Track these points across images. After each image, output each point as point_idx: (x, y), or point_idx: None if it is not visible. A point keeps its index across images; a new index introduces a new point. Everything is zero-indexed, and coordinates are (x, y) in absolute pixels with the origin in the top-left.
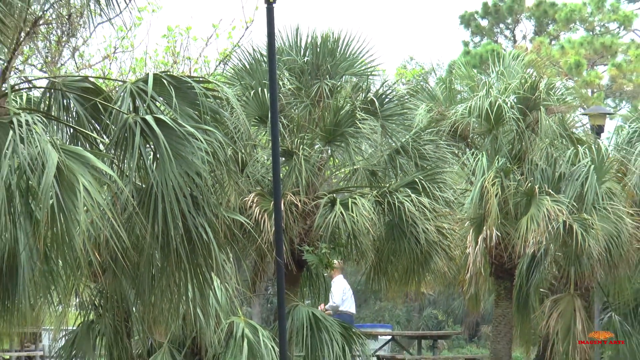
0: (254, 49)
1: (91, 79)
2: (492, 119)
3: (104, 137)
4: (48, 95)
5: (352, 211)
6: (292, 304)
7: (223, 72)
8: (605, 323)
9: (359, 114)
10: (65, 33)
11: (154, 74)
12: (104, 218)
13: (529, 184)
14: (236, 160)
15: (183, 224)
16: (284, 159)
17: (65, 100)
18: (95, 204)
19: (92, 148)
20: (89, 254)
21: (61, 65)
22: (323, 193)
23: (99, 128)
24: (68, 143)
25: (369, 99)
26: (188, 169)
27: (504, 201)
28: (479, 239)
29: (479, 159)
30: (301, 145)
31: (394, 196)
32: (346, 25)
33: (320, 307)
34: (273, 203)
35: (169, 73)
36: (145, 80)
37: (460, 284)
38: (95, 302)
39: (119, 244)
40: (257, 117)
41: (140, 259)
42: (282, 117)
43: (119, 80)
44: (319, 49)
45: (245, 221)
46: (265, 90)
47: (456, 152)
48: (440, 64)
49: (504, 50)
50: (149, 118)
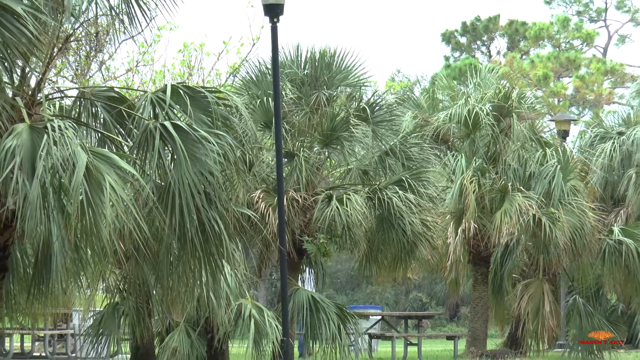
0: (259, 63)
1: (116, 89)
2: (470, 124)
3: (128, 141)
4: (78, 103)
5: (347, 206)
6: (294, 288)
7: (233, 83)
8: (570, 305)
9: (353, 120)
10: (93, 49)
11: (172, 85)
12: (128, 212)
13: (503, 182)
14: (244, 160)
15: (197, 217)
16: (286, 159)
17: (93, 108)
18: (119, 199)
19: (117, 150)
20: (114, 244)
21: (89, 77)
22: (321, 190)
23: (123, 132)
24: (96, 146)
25: (362, 107)
26: (202, 169)
27: (480, 197)
28: (459, 231)
29: (458, 160)
30: (301, 148)
31: (384, 193)
32: (341, 42)
33: None
34: (277, 199)
35: (184, 84)
36: (164, 91)
37: (442, 270)
38: (120, 286)
39: (141, 234)
40: (263, 123)
41: (160, 248)
42: (285, 123)
43: (141, 91)
44: (317, 63)
45: (252, 214)
46: (270, 99)
47: (438, 154)
48: (424, 76)
49: (481, 64)
50: (167, 124)
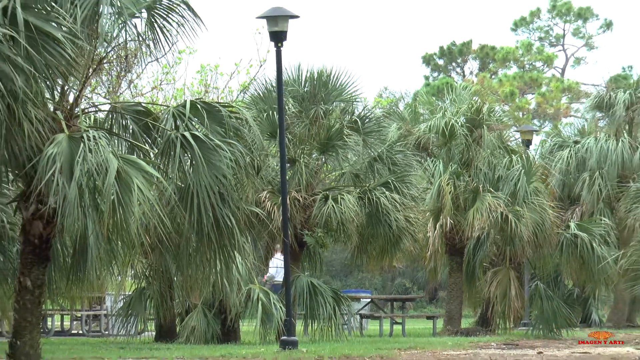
0: (266, 82)
1: (143, 104)
2: (447, 134)
3: (153, 148)
4: (110, 116)
5: (341, 204)
6: (295, 275)
7: (243, 99)
8: (532, 289)
9: (346, 131)
10: (123, 69)
11: (191, 101)
12: (153, 210)
13: (475, 184)
14: (253, 165)
15: (213, 214)
16: (289, 165)
17: (123, 121)
18: (146, 199)
19: (144, 157)
20: (141, 237)
21: (120, 93)
22: (319, 191)
23: (149, 141)
24: (125, 153)
25: (354, 119)
26: (216, 172)
27: (455, 197)
28: (437, 226)
29: (436, 165)
30: (302, 155)
31: (373, 193)
32: (335, 63)
33: (263, 279)
34: (281, 198)
35: (201, 100)
36: (184, 106)
37: (423, 259)
38: (146, 274)
39: (164, 229)
40: (269, 133)
41: (180, 240)
42: (288, 133)
43: (164, 105)
44: (315, 82)
45: (260, 212)
46: (274, 113)
47: (419, 160)
48: (407, 93)
49: (456, 82)
50: (187, 134)
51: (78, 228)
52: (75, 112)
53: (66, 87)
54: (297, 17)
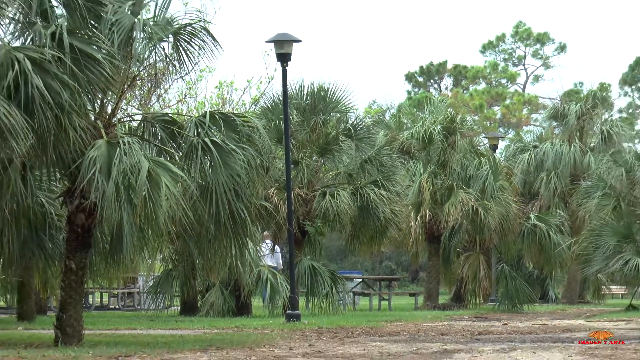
0: (273, 95)
1: (169, 115)
2: (426, 140)
3: (178, 152)
4: (142, 125)
5: (337, 199)
6: (298, 258)
7: (254, 110)
8: (498, 271)
9: (341, 137)
10: (153, 85)
11: (210, 112)
12: (178, 204)
13: (450, 182)
14: (263, 166)
15: (229, 207)
16: (293, 166)
17: (153, 128)
18: (172, 194)
19: (170, 159)
20: (168, 227)
21: (150, 106)
22: (318, 188)
23: (174, 146)
24: (155, 155)
25: (347, 127)
26: (232, 172)
27: (433, 193)
28: (418, 217)
29: (417, 166)
30: (304, 157)
31: (364, 190)
32: (332, 79)
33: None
34: (286, 194)
35: (219, 111)
36: (204, 116)
37: (406, 245)
38: (172, 257)
39: (187, 220)
40: (276, 139)
41: (201, 230)
42: (292, 139)
43: (188, 116)
44: (315, 96)
45: (268, 206)
46: (280, 122)
47: (403, 162)
48: (393, 105)
49: (433, 96)
50: (206, 140)
51: (115, 219)
52: (113, 122)
53: (105, 100)
54: (300, 42)
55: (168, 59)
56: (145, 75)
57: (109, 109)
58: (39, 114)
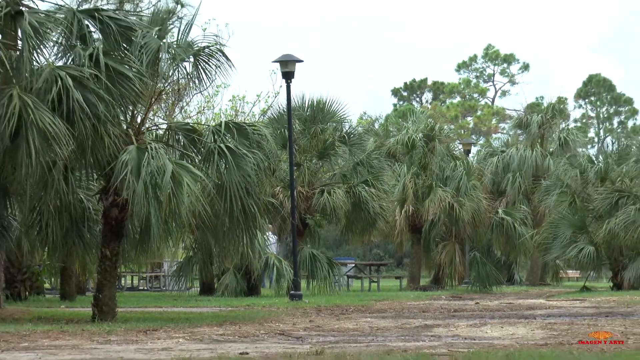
0: (279, 107)
1: (190, 124)
2: (409, 146)
3: (198, 156)
4: (167, 133)
5: (333, 196)
6: (300, 247)
7: (263, 120)
8: (471, 257)
9: (337, 143)
10: (177, 99)
11: (225, 122)
12: (197, 200)
13: (430, 182)
14: (270, 168)
15: (241, 203)
16: (296, 167)
17: (176, 136)
18: (192, 192)
19: (191, 162)
20: (189, 220)
21: (174, 116)
22: (317, 186)
23: (195, 151)
24: (177, 159)
25: (342, 135)
26: (244, 173)
27: (416, 191)
28: (402, 212)
29: (402, 168)
30: (305, 160)
31: (356, 188)
32: (329, 93)
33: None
34: (289, 192)
35: (233, 121)
36: (220, 125)
37: (392, 236)
38: (193, 246)
39: (205, 214)
40: (281, 145)
41: (217, 222)
42: (295, 145)
43: (206, 125)
44: (314, 108)
45: (274, 202)
46: (285, 130)
47: (390, 164)
48: (381, 116)
49: (416, 108)
50: (222, 145)
51: (143, 213)
52: (142, 130)
53: (135, 112)
54: (302, 61)
55: (189, 77)
56: (170, 90)
57: (139, 119)
58: (79, 123)
